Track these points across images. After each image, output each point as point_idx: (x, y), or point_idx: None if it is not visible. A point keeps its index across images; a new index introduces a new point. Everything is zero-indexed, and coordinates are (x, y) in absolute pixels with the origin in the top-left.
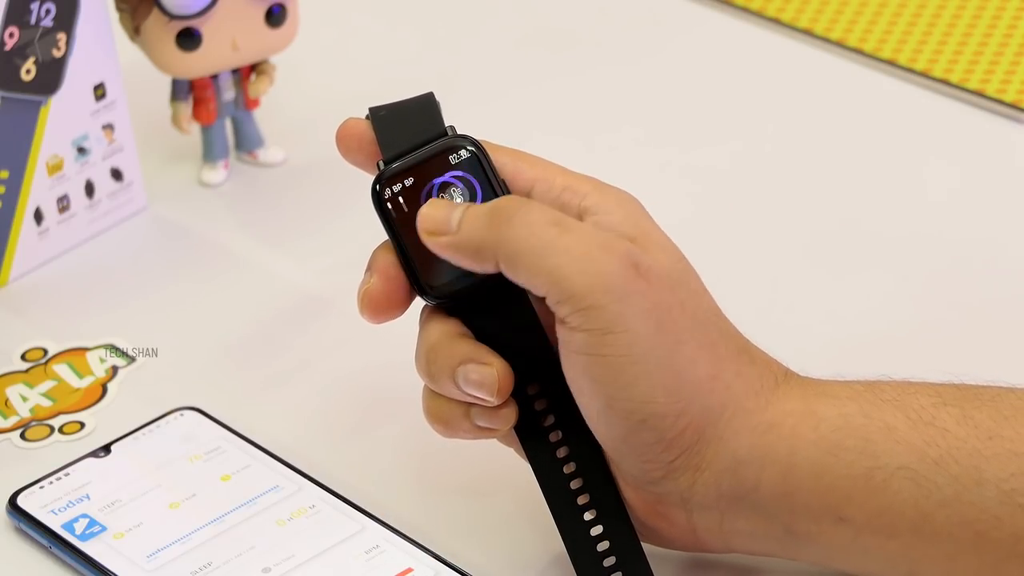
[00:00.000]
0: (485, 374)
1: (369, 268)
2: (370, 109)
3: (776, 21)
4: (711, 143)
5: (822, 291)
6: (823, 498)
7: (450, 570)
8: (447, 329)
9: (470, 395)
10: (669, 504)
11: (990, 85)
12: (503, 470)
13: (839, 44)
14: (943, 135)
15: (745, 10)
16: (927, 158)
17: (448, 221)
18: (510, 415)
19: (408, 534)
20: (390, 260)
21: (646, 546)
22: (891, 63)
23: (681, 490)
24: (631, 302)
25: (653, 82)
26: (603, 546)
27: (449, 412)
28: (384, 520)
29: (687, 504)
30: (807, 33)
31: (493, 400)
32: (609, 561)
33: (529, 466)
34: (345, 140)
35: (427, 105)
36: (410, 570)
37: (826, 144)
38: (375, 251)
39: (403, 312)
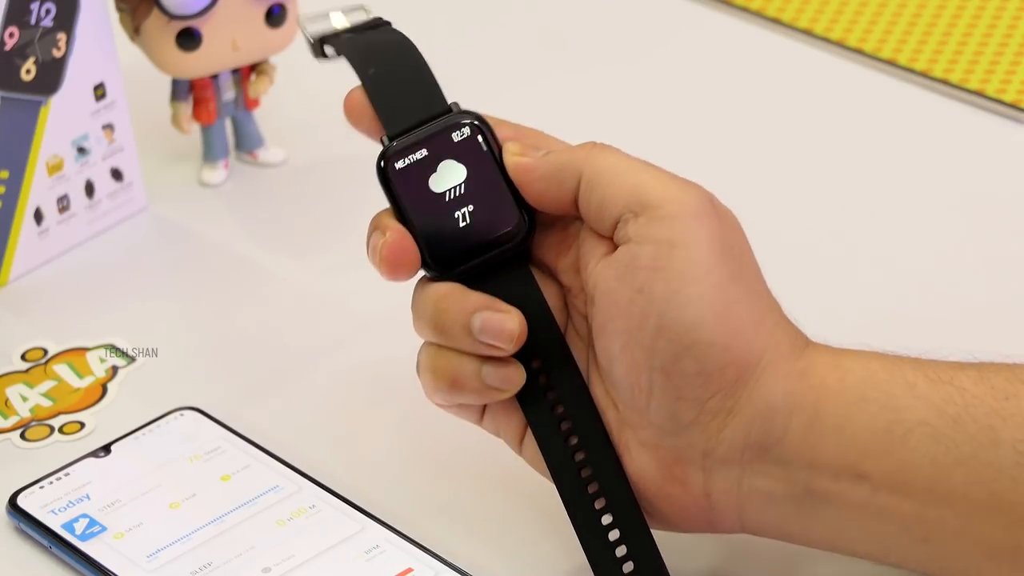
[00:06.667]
0: (504, 319)
1: (378, 228)
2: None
3: (776, 21)
4: (710, 143)
5: (820, 291)
6: (844, 452)
7: (450, 570)
8: (454, 285)
9: (485, 343)
10: (687, 462)
11: (990, 85)
12: (503, 470)
13: (839, 44)
14: (943, 135)
15: (745, 10)
16: (927, 158)
17: (537, 151)
18: (519, 376)
19: (408, 534)
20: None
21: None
22: (891, 63)
23: (708, 438)
24: (703, 223)
25: (653, 82)
26: (607, 519)
27: (459, 368)
28: (384, 520)
29: (708, 458)
30: (807, 33)
31: (510, 347)
32: (621, 552)
33: (530, 467)
34: (353, 112)
35: (417, 70)
36: (410, 570)
37: (826, 144)
38: (379, 215)
39: (417, 271)
